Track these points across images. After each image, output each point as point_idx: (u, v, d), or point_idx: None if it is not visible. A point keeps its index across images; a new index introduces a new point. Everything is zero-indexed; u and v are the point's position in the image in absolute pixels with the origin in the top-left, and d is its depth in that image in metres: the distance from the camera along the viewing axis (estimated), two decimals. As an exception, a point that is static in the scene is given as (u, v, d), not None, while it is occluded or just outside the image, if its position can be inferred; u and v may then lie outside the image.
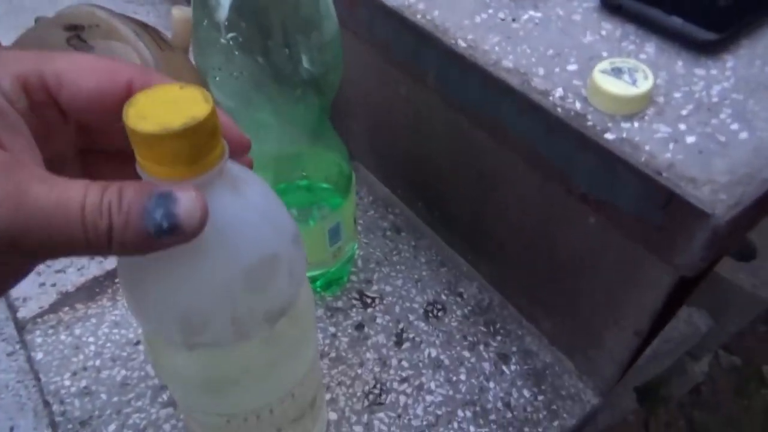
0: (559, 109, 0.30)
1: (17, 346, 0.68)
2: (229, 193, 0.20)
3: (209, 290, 0.21)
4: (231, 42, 0.29)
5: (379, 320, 0.43)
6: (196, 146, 0.17)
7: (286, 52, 0.30)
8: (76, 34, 0.41)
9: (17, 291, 0.46)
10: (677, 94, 0.29)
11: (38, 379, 0.41)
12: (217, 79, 0.31)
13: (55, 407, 0.39)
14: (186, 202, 0.17)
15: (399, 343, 0.42)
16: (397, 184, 0.51)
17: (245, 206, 0.21)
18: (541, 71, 0.32)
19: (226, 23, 0.29)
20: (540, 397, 0.39)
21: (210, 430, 0.29)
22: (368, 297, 0.45)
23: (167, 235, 0.16)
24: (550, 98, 0.30)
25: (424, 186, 0.48)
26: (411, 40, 0.37)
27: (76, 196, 0.16)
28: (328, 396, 0.39)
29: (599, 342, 0.37)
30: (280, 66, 0.30)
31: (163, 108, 0.17)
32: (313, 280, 0.43)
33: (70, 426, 0.38)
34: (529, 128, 0.32)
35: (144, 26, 0.46)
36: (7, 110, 0.17)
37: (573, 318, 0.39)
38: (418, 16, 0.37)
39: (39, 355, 0.42)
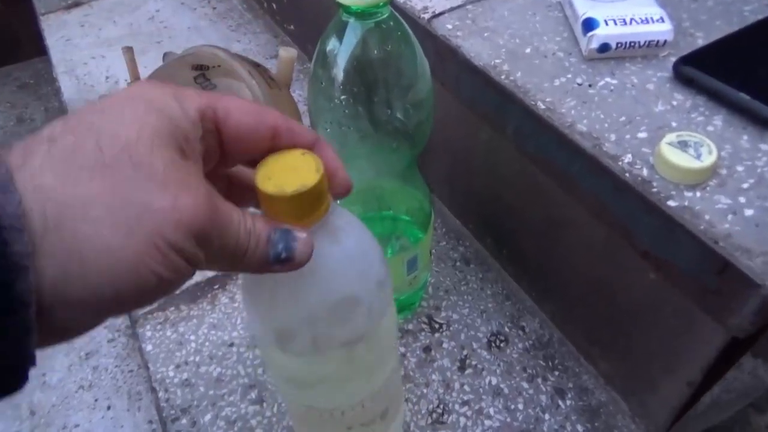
0: (627, 174, 0.33)
1: (116, 334, 0.76)
2: (328, 241, 0.25)
3: (297, 313, 0.26)
4: (343, 100, 0.34)
5: (445, 345, 0.47)
6: (304, 206, 0.22)
7: (387, 110, 0.35)
8: (202, 73, 0.48)
9: (132, 289, 0.53)
10: (740, 168, 0.32)
11: (147, 368, 0.48)
12: (328, 130, 0.36)
13: (161, 394, 0.46)
14: (302, 239, 0.22)
15: (462, 368, 0.46)
16: (469, 219, 0.55)
17: (339, 253, 0.25)
18: (613, 137, 0.35)
19: (341, 85, 0.34)
20: (592, 433, 0.42)
21: (296, 415, 0.35)
22: (436, 322, 0.49)
23: (281, 263, 0.21)
24: (620, 163, 0.33)
25: (494, 223, 0.51)
26: (494, 96, 0.41)
27: (237, 218, 0.20)
28: (395, 410, 0.43)
29: (653, 387, 0.39)
30: (381, 120, 0.35)
31: (285, 172, 0.22)
32: (388, 303, 0.47)
33: (173, 412, 0.44)
34: (598, 186, 0.35)
35: (256, 66, 0.52)
36: (194, 137, 0.20)
37: (628, 362, 0.41)
38: (502, 77, 0.41)
39: (149, 347, 0.49)
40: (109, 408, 0.67)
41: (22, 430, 0.66)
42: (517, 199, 0.46)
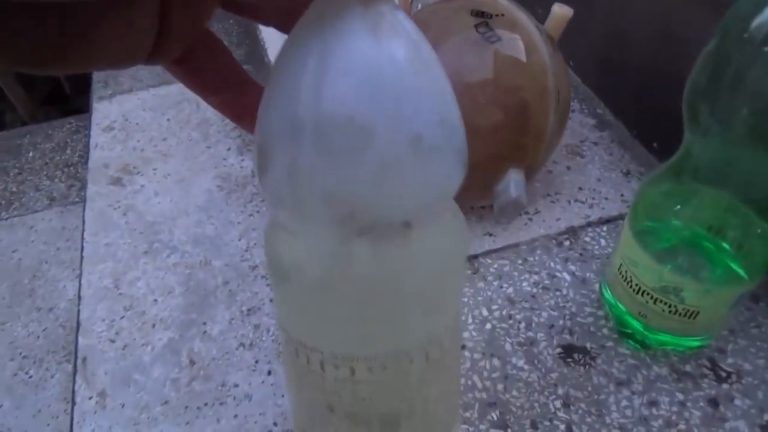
0: None
1: (278, 294, 0.71)
2: (360, 29, 0.15)
3: (278, 117, 0.17)
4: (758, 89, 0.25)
5: (737, 402, 0.38)
6: None
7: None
8: (485, 21, 0.40)
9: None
10: None
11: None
12: (722, 102, 0.27)
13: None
14: None
15: (765, 437, 0.36)
16: None
17: (370, 51, 0.16)
18: None
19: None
20: None
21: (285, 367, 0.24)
22: (722, 370, 0.39)
23: None
24: None
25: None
26: None
27: None
28: (681, 475, 0.34)
29: None
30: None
31: None
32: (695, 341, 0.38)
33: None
34: None
35: (535, 21, 0.43)
36: None
37: None
38: None
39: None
40: (269, 373, 0.62)
41: (181, 378, 0.62)
42: None
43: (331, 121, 0.16)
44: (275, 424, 0.59)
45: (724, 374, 0.39)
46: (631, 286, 0.36)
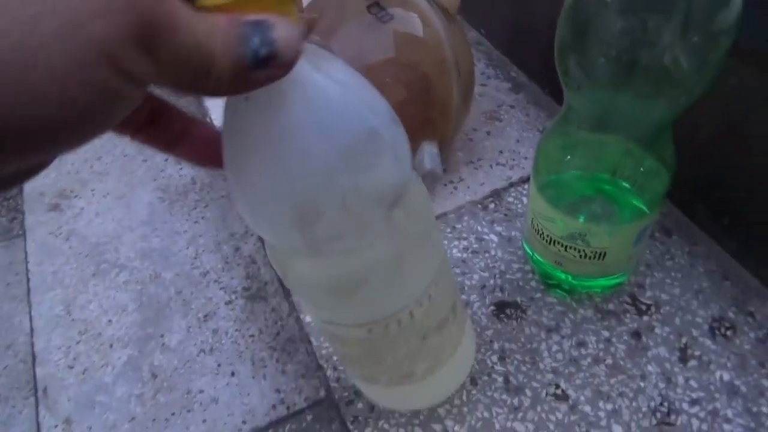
0: None
1: (233, 296, 0.72)
2: (312, 69, 0.19)
3: (311, 174, 0.20)
4: (619, 21, 0.27)
5: (657, 330, 0.40)
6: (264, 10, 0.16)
7: (678, 39, 0.27)
8: (376, 1, 0.41)
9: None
10: None
11: (309, 342, 0.42)
12: (586, 54, 0.29)
13: (329, 373, 0.40)
14: (282, 28, 0.16)
15: (684, 359, 0.39)
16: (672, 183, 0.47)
17: (332, 83, 0.19)
18: None
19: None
20: None
21: (354, 347, 0.29)
22: (642, 303, 0.41)
23: (262, 64, 0.15)
24: None
25: (718, 189, 0.43)
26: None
27: (186, 14, 0.15)
28: (609, 406, 0.37)
29: None
30: (662, 52, 0.27)
31: None
32: (610, 280, 0.40)
33: (345, 394, 0.39)
34: None
35: (427, -4, 0.44)
36: None
37: None
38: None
39: (308, 318, 0.43)
40: (233, 374, 0.63)
41: (145, 393, 0.63)
42: None
43: (359, 141, 0.20)
44: (244, 422, 0.60)
45: (644, 307, 0.41)
46: (543, 238, 0.38)
